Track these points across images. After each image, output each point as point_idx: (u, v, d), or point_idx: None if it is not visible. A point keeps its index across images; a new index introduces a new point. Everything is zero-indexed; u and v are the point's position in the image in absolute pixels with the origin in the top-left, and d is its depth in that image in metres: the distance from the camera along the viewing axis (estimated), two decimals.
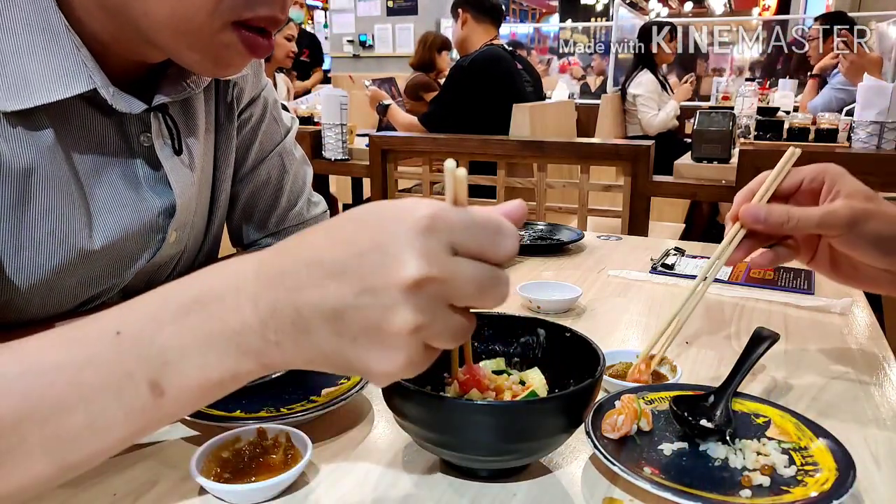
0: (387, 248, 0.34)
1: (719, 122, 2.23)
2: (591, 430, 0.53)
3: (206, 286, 0.38)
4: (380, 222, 0.35)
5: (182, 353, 0.37)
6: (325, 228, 0.38)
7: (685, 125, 4.41)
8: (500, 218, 0.38)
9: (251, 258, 0.38)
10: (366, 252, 0.35)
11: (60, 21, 0.55)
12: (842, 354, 0.76)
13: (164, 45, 0.56)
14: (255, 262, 0.37)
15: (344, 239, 0.36)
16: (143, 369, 0.37)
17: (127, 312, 0.38)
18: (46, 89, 0.54)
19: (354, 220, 0.37)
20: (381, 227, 0.35)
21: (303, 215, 0.85)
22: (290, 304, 0.36)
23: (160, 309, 0.38)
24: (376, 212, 0.36)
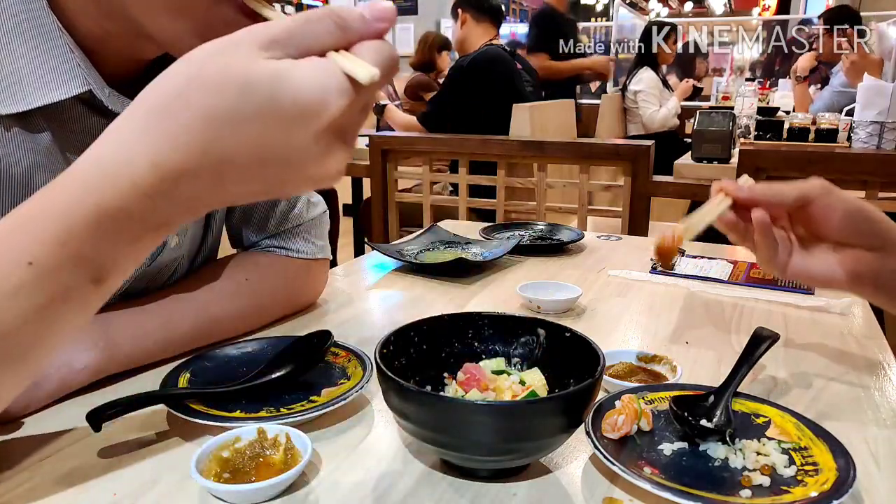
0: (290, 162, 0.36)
1: (719, 122, 2.23)
2: (591, 430, 0.53)
3: (104, 199, 0.36)
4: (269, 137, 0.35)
5: (113, 260, 0.38)
6: (229, 131, 0.35)
7: (685, 125, 4.41)
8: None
9: (142, 163, 0.35)
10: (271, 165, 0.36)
11: (53, 23, 0.55)
12: (842, 354, 0.76)
13: (160, 32, 0.55)
14: (152, 168, 0.35)
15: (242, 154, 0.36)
16: (76, 280, 0.37)
17: (31, 240, 0.36)
18: (41, 91, 0.54)
19: (243, 126, 0.35)
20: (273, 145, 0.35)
21: (302, 216, 0.85)
22: (212, 193, 0.37)
23: (64, 229, 0.36)
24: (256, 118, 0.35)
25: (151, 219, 0.37)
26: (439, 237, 1.26)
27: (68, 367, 0.60)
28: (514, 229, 1.36)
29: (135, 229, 0.37)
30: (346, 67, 0.35)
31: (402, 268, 1.11)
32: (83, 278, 0.37)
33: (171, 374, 0.63)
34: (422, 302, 0.96)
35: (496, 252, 1.14)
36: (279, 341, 0.70)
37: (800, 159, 1.94)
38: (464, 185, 2.38)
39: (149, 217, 0.37)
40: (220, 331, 0.74)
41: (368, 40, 0.37)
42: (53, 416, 0.59)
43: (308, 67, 0.35)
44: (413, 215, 2.52)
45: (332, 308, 0.91)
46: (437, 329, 0.61)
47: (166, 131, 0.35)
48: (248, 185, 0.37)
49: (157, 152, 0.35)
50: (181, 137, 0.34)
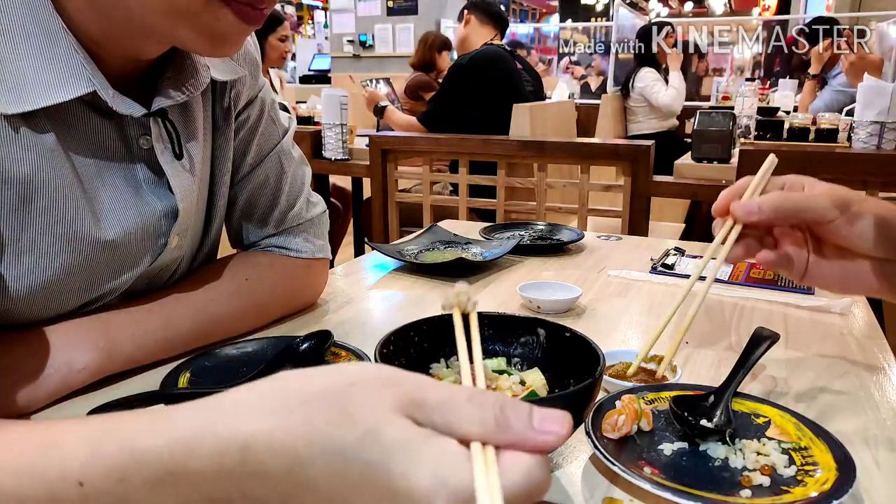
0: None
1: (719, 122, 2.23)
2: (591, 430, 0.53)
3: (179, 458, 0.32)
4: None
5: None
6: (327, 461, 0.31)
7: (685, 125, 4.41)
8: None
9: (237, 437, 0.32)
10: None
11: (57, 23, 0.55)
12: (842, 354, 0.76)
13: (156, 29, 0.55)
14: (242, 448, 0.32)
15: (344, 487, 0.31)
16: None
17: (90, 462, 0.34)
18: (46, 92, 0.54)
19: (363, 475, 0.30)
20: None
21: (302, 216, 0.85)
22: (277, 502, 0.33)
23: (127, 469, 0.33)
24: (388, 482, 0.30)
25: (213, 491, 0.33)
26: (439, 237, 1.26)
27: (68, 367, 0.60)
28: (514, 229, 1.36)
29: (191, 494, 0.33)
30: (478, 485, 0.29)
31: (402, 268, 1.11)
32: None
33: (171, 374, 0.63)
34: (422, 302, 0.96)
35: (496, 252, 1.14)
36: (279, 341, 0.70)
37: (800, 159, 1.95)
38: (464, 185, 2.38)
39: (212, 488, 0.33)
40: (220, 331, 0.74)
41: (523, 453, 0.30)
42: (53, 416, 0.59)
43: (437, 451, 0.30)
44: (413, 215, 2.52)
45: (332, 308, 0.91)
46: (437, 329, 0.61)
47: (270, 429, 0.31)
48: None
49: (253, 440, 0.31)
50: (279, 444, 0.31)
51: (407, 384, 0.32)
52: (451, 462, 0.30)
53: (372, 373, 0.33)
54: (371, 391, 0.32)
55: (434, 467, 0.29)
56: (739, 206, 0.61)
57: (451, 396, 0.31)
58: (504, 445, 0.31)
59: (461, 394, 0.32)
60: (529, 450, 0.31)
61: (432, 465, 0.29)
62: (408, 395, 0.31)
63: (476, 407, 0.31)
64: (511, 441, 0.31)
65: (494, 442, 0.31)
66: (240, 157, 0.80)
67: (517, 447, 0.31)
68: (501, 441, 0.31)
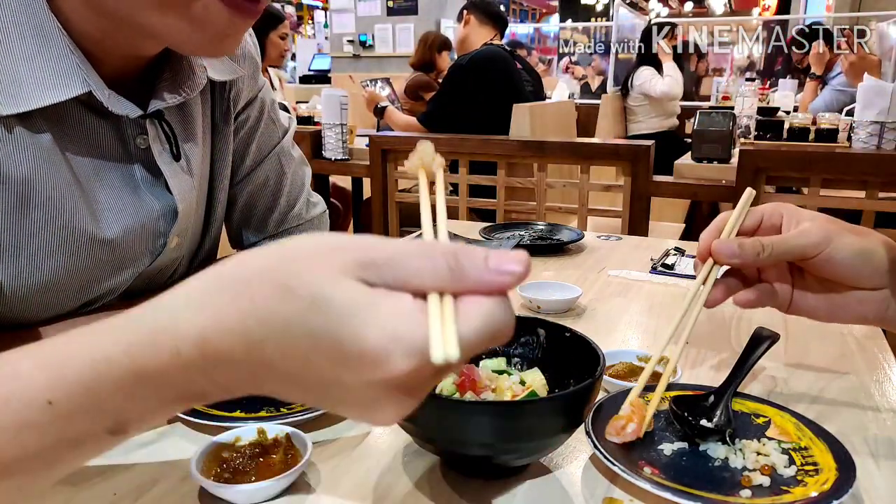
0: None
1: (719, 122, 2.23)
2: (591, 430, 0.53)
3: (141, 361, 0.33)
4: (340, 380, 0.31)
5: (138, 416, 0.35)
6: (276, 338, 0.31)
7: (685, 125, 4.41)
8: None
9: (190, 331, 0.32)
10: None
11: (53, 23, 0.55)
12: (842, 354, 0.76)
13: (152, 27, 0.55)
14: (197, 340, 0.32)
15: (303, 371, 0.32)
16: (93, 428, 0.34)
17: (54, 381, 0.34)
18: (41, 92, 0.54)
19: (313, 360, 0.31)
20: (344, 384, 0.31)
21: (302, 216, 0.85)
22: (250, 385, 0.34)
23: (93, 379, 0.33)
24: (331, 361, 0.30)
25: (185, 388, 0.34)
26: None
27: None
28: (514, 229, 1.36)
29: (166, 394, 0.34)
30: (432, 335, 0.29)
31: None
32: (101, 427, 0.35)
33: None
34: None
35: None
36: None
37: (800, 159, 1.95)
38: (464, 185, 2.38)
39: (182, 387, 0.34)
40: None
41: (481, 296, 0.30)
42: None
43: (388, 309, 0.29)
44: (413, 215, 2.52)
45: None
46: None
47: (220, 315, 0.32)
48: (285, 392, 0.34)
49: (205, 331, 0.32)
50: (232, 327, 0.31)
51: (352, 247, 0.31)
52: (404, 317, 0.29)
53: (312, 244, 0.32)
54: (313, 260, 0.31)
55: (385, 325, 0.29)
56: (720, 246, 0.60)
57: (401, 251, 0.31)
58: (461, 293, 0.30)
59: (411, 247, 0.31)
60: (487, 293, 0.30)
61: (383, 322, 0.29)
62: (354, 257, 0.31)
63: (428, 258, 0.30)
64: (467, 287, 0.30)
65: (451, 290, 0.30)
66: (239, 157, 0.80)
67: (475, 292, 0.30)
68: (457, 288, 0.30)
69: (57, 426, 0.34)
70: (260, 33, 0.62)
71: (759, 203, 0.65)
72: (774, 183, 1.97)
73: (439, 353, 0.28)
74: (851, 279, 0.60)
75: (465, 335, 0.29)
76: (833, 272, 0.60)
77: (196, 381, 0.33)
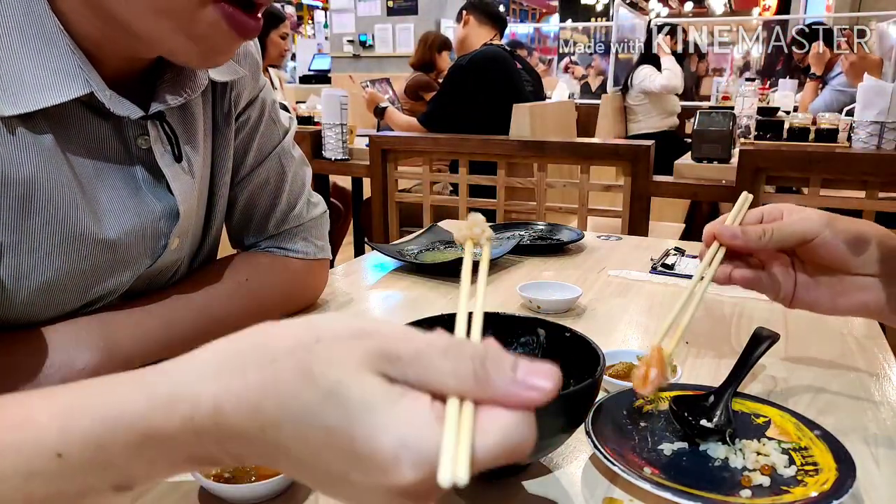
0: None
1: (719, 122, 2.23)
2: (591, 430, 0.53)
3: (154, 423, 0.32)
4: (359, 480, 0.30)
5: (146, 474, 0.34)
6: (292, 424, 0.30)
7: (685, 125, 4.41)
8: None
9: (207, 399, 0.31)
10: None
11: (54, 25, 0.55)
12: (842, 354, 0.77)
13: (148, 34, 0.55)
14: (212, 409, 0.31)
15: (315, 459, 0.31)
16: (99, 484, 0.34)
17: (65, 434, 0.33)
18: (43, 93, 0.54)
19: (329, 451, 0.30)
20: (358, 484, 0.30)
21: (302, 216, 0.85)
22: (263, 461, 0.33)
23: (104, 437, 0.33)
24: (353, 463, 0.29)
25: (196, 453, 0.34)
26: (439, 237, 1.26)
27: (68, 367, 0.60)
28: (514, 229, 1.36)
29: (176, 457, 0.34)
30: (444, 450, 0.27)
31: (402, 268, 1.11)
32: (107, 484, 0.34)
33: None
34: (422, 302, 0.96)
35: (496, 252, 1.14)
36: None
37: (800, 159, 1.95)
38: (464, 185, 2.38)
39: (194, 451, 0.33)
40: (220, 331, 0.73)
41: (503, 410, 0.29)
42: None
43: (404, 415, 0.28)
44: (413, 215, 2.52)
45: (332, 308, 0.91)
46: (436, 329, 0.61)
47: (240, 389, 0.31)
48: (297, 475, 0.34)
49: (221, 402, 0.31)
50: (249, 404, 0.31)
51: (379, 337, 0.30)
52: (419, 423, 0.28)
53: (341, 326, 0.31)
54: (338, 346, 0.30)
55: (399, 429, 0.28)
56: (725, 228, 0.62)
57: (427, 348, 0.30)
58: (483, 401, 0.29)
59: (437, 344, 0.30)
60: (511, 406, 0.29)
61: (398, 426, 0.28)
62: (379, 349, 0.30)
63: (452, 359, 0.29)
64: (491, 396, 0.29)
65: (472, 397, 0.29)
66: (240, 157, 0.80)
67: (498, 403, 0.29)
68: (480, 396, 0.29)
69: (63, 478, 0.33)
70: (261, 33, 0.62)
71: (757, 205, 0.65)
72: (774, 183, 1.98)
73: (447, 475, 0.27)
74: (850, 264, 0.61)
75: (479, 452, 0.28)
76: (831, 256, 0.61)
77: (207, 448, 0.33)
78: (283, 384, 0.30)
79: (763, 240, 0.61)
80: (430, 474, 0.27)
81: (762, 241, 0.61)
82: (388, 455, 0.28)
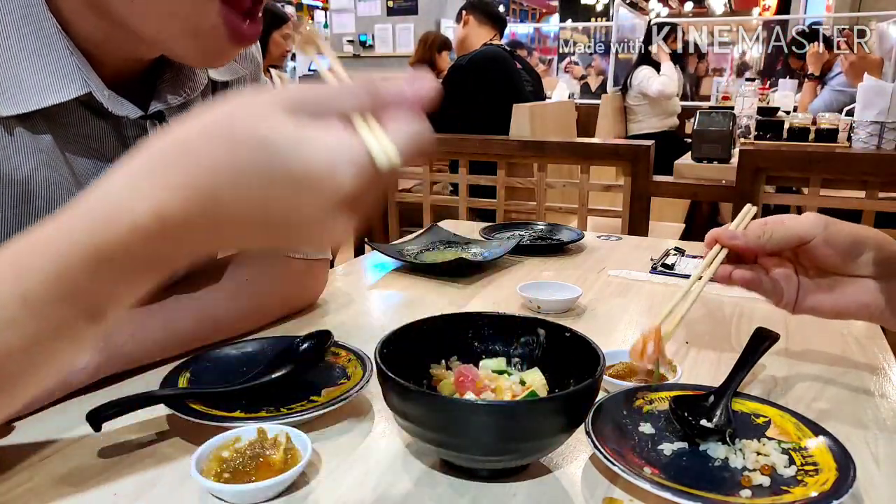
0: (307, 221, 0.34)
1: (719, 122, 2.23)
2: (591, 430, 0.53)
3: (101, 241, 0.34)
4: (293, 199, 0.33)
5: (110, 296, 0.37)
6: (231, 188, 0.33)
7: (685, 125, 4.41)
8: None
9: (143, 205, 0.34)
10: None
11: (53, 25, 0.55)
12: (842, 354, 0.76)
13: (151, 35, 0.55)
14: (153, 212, 0.34)
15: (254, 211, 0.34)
16: (70, 316, 0.36)
17: (22, 278, 0.35)
18: (42, 94, 0.54)
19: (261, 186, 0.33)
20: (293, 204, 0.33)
21: None
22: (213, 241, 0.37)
23: (60, 267, 0.35)
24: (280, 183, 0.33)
25: (151, 260, 0.36)
26: (439, 237, 1.26)
27: (68, 367, 0.60)
28: (514, 229, 1.36)
29: (134, 270, 0.36)
30: (370, 145, 0.33)
31: (402, 268, 1.11)
32: (77, 315, 0.36)
33: (171, 374, 0.63)
34: (422, 302, 0.96)
35: (496, 252, 1.14)
36: (279, 341, 0.70)
37: (800, 159, 1.95)
38: (464, 185, 2.38)
39: (149, 259, 0.36)
40: (220, 331, 0.74)
41: (403, 111, 0.34)
42: (53, 416, 0.59)
43: (326, 138, 0.32)
44: (413, 215, 2.52)
45: (332, 308, 0.91)
46: (437, 329, 0.61)
47: (170, 180, 0.34)
48: (250, 239, 0.37)
49: (159, 199, 0.33)
50: (184, 189, 0.33)
51: (276, 96, 0.34)
52: (340, 137, 0.32)
53: (238, 100, 0.34)
54: (245, 110, 0.33)
55: (327, 146, 0.32)
56: (725, 230, 0.65)
57: (324, 88, 0.34)
58: (381, 112, 0.34)
59: (331, 84, 0.35)
60: (405, 108, 0.34)
61: (324, 145, 0.32)
62: (285, 99, 0.33)
63: (346, 88, 0.34)
64: (386, 104, 0.34)
65: (372, 110, 0.34)
66: None
67: (394, 108, 0.34)
68: (377, 107, 0.34)
69: (35, 319, 0.35)
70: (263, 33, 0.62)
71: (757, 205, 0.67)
72: (774, 183, 1.98)
73: (383, 158, 0.32)
74: (848, 266, 0.63)
75: (396, 143, 0.33)
76: (829, 258, 0.63)
77: (159, 250, 0.35)
78: (208, 158, 0.33)
79: (762, 239, 0.63)
80: (365, 170, 0.32)
81: (761, 241, 0.63)
82: (325, 167, 0.32)
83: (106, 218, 0.34)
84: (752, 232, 0.63)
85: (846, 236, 0.62)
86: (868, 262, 0.63)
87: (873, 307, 0.63)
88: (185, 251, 0.36)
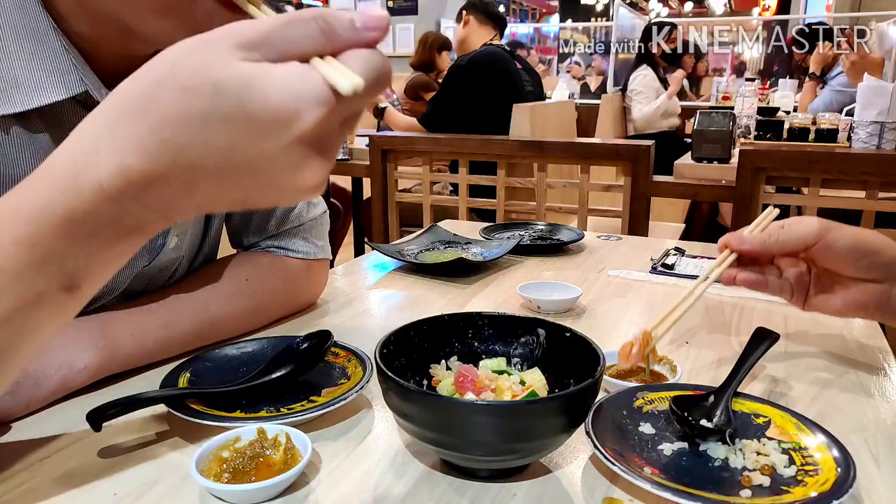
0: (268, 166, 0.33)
1: (719, 122, 2.23)
2: (591, 430, 0.53)
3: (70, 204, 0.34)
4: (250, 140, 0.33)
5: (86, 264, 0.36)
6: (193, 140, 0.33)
7: (685, 125, 4.41)
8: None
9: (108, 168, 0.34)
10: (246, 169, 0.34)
11: (48, 24, 0.55)
12: (842, 354, 0.77)
13: (147, 31, 0.55)
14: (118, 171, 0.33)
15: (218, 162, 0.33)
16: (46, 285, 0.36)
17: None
18: (38, 92, 0.54)
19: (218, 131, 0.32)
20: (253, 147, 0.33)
21: (302, 216, 0.85)
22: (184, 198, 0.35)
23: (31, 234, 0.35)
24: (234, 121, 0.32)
25: (121, 223, 0.35)
26: (439, 237, 1.26)
27: (68, 367, 0.60)
28: (514, 229, 1.36)
29: (105, 234, 0.35)
30: (328, 75, 0.32)
31: (402, 268, 1.11)
32: (54, 283, 0.36)
33: (171, 374, 0.63)
34: (422, 302, 0.96)
35: (496, 252, 1.14)
36: (279, 341, 0.70)
37: (800, 159, 1.94)
38: (464, 185, 2.38)
39: (118, 221, 0.35)
40: (220, 331, 0.74)
41: (357, 49, 0.33)
42: (53, 416, 0.59)
43: (283, 73, 0.32)
44: (413, 215, 2.52)
45: (332, 308, 0.91)
46: (437, 329, 0.61)
47: (134, 134, 0.33)
48: (221, 193, 0.35)
49: (124, 155, 0.33)
50: (149, 141, 0.33)
51: (228, 35, 0.33)
52: (300, 77, 0.32)
53: (188, 44, 0.34)
54: (198, 56, 0.33)
55: (285, 86, 0.31)
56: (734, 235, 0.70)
57: (275, 26, 0.33)
58: (337, 51, 0.33)
59: (282, 20, 0.33)
60: (360, 47, 0.33)
61: (283, 84, 0.31)
62: (235, 43, 0.32)
63: (301, 26, 0.33)
64: (342, 45, 0.33)
65: (329, 51, 0.33)
66: None
67: (349, 47, 0.33)
68: (333, 47, 0.33)
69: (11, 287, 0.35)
70: None
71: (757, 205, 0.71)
72: (774, 183, 1.97)
73: (345, 84, 0.31)
74: (852, 268, 0.67)
75: (356, 70, 0.32)
76: (834, 260, 0.67)
77: (129, 211, 0.35)
78: (171, 110, 0.32)
79: (767, 243, 0.68)
80: (327, 101, 0.32)
81: (766, 245, 0.68)
82: (284, 102, 0.31)
83: (72, 179, 0.34)
84: (757, 236, 0.68)
85: (848, 240, 0.65)
86: (869, 266, 0.66)
87: (872, 308, 0.67)
88: (157, 211, 0.35)
